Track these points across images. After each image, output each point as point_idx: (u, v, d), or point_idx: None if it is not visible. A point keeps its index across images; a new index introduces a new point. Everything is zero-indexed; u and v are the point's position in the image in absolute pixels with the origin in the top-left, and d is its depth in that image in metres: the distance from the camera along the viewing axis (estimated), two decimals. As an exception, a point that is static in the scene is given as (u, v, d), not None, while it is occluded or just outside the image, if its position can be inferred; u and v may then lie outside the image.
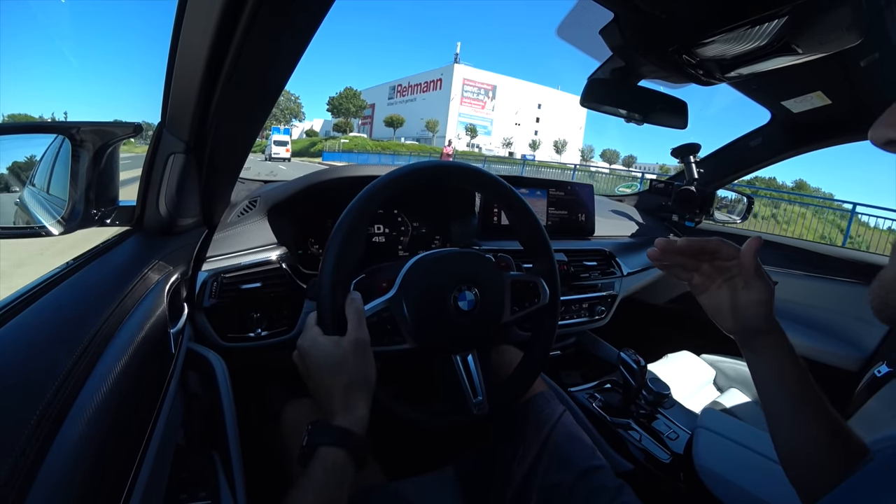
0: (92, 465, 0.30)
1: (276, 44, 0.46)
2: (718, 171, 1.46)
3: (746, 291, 0.47)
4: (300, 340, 0.54)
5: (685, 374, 1.19)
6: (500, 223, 1.11)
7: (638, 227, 1.49)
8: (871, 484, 0.31)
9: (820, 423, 0.45)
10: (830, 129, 1.15)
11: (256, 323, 0.80)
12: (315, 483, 0.43)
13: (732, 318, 0.49)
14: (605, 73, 0.90)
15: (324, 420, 0.49)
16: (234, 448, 0.58)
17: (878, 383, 0.84)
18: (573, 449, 0.70)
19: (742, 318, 0.48)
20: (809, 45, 0.63)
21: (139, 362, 0.41)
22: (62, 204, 0.57)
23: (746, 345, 0.49)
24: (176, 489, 0.47)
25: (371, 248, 1.03)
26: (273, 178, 1.07)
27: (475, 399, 0.64)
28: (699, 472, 0.77)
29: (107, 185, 0.61)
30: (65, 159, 0.56)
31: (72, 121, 1.51)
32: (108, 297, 0.44)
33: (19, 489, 0.24)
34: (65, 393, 0.31)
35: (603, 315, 1.21)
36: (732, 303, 0.48)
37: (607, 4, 0.68)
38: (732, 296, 0.48)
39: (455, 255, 0.67)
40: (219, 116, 0.55)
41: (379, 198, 0.59)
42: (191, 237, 0.71)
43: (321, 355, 0.51)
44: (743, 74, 0.76)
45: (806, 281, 1.32)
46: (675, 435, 0.94)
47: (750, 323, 0.48)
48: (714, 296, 0.50)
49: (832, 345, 1.23)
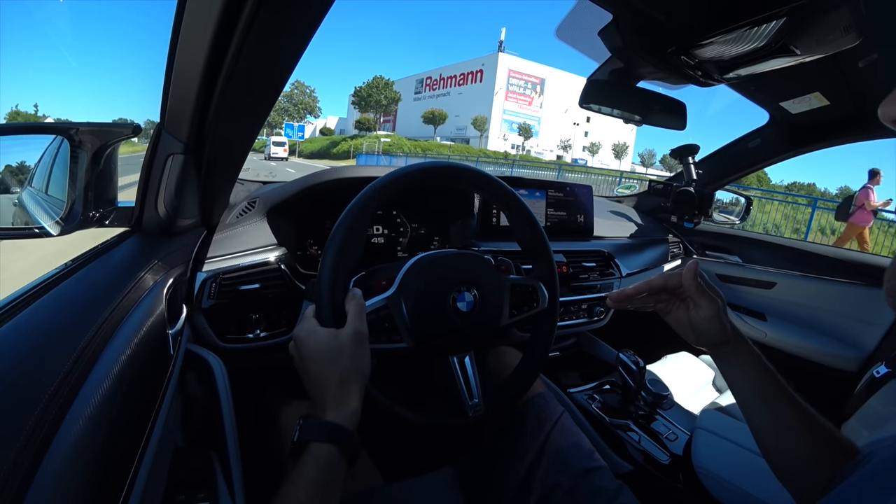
0: (90, 466, 0.30)
1: (276, 44, 0.46)
2: (717, 172, 1.46)
3: (697, 310, 0.52)
4: (297, 330, 0.53)
5: (684, 375, 1.19)
6: (499, 224, 1.11)
7: (637, 227, 1.49)
8: (871, 484, 0.31)
9: (797, 421, 0.48)
10: (829, 129, 1.16)
11: (255, 324, 0.79)
12: (306, 479, 0.43)
13: (693, 334, 0.53)
14: (604, 75, 0.90)
15: (315, 415, 0.49)
16: (233, 449, 0.58)
17: (877, 384, 0.84)
18: (572, 450, 0.69)
19: (699, 332, 0.52)
20: (808, 46, 0.63)
21: (138, 363, 0.41)
22: (61, 205, 0.57)
23: (715, 355, 0.54)
24: (174, 490, 0.47)
25: (370, 248, 1.03)
26: (272, 178, 1.07)
27: (471, 401, 0.64)
28: (698, 473, 0.77)
29: (105, 186, 0.61)
30: (63, 160, 0.56)
31: (70, 121, 1.51)
32: (106, 297, 0.44)
33: (17, 489, 0.24)
34: (63, 393, 0.31)
35: (602, 316, 1.21)
36: (689, 321, 0.53)
37: (606, 6, 0.68)
38: (688, 315, 0.53)
39: (455, 255, 0.67)
40: (218, 117, 0.55)
41: (378, 198, 0.59)
42: (189, 238, 0.71)
43: (317, 345, 0.50)
44: (741, 75, 0.76)
45: (805, 281, 1.32)
46: (674, 436, 0.94)
47: (707, 337, 0.52)
48: (675, 316, 0.55)
49: (831, 345, 1.23)
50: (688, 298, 0.53)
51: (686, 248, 1.60)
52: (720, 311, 0.51)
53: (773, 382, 0.49)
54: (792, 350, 1.28)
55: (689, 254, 1.59)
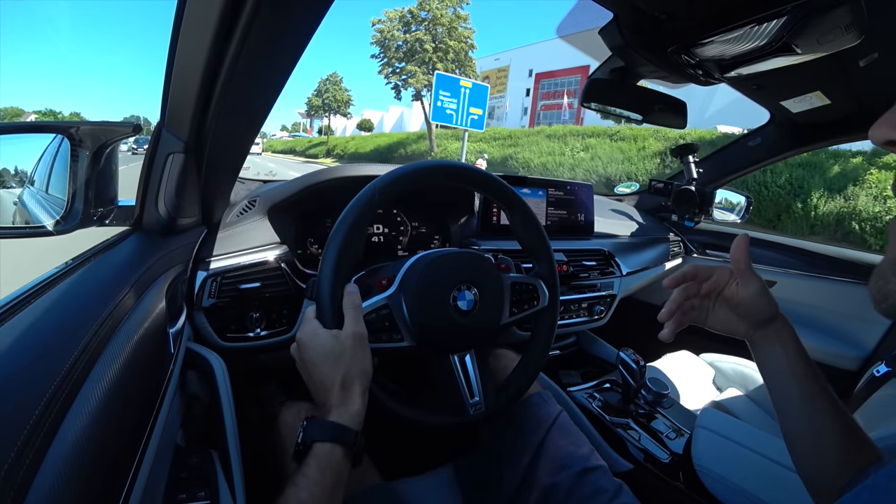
0: (91, 465, 0.30)
1: (277, 43, 0.46)
2: (718, 170, 1.46)
3: (746, 288, 0.50)
4: (299, 333, 0.54)
5: (684, 373, 1.19)
6: (499, 223, 1.11)
7: (637, 226, 1.49)
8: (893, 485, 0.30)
9: (833, 415, 0.46)
10: (830, 129, 1.15)
11: (256, 323, 0.80)
12: (310, 479, 0.43)
13: (743, 322, 0.52)
14: (605, 73, 0.90)
15: (319, 416, 0.49)
16: (234, 448, 0.58)
17: (877, 383, 0.84)
18: (570, 450, 0.69)
19: (751, 314, 0.51)
20: (808, 45, 0.63)
21: (138, 362, 0.41)
22: (61, 203, 0.57)
23: (758, 341, 0.52)
24: (175, 489, 0.47)
25: (370, 247, 1.03)
26: (273, 177, 1.07)
27: (472, 399, 0.64)
28: (698, 472, 0.77)
29: (106, 185, 0.61)
30: (64, 159, 0.56)
31: (71, 120, 1.51)
32: (107, 296, 0.44)
33: (18, 488, 0.24)
34: (64, 392, 0.31)
35: (602, 315, 1.21)
36: (736, 308, 0.51)
37: (607, 4, 0.68)
38: (732, 304, 0.52)
39: (456, 254, 0.67)
40: (218, 115, 0.55)
41: (379, 197, 0.59)
42: (190, 237, 0.71)
43: (320, 348, 0.51)
44: (742, 74, 0.76)
45: (806, 281, 1.32)
46: (674, 435, 0.94)
47: (760, 315, 0.50)
48: (716, 315, 0.54)
49: (832, 344, 1.23)
50: (725, 288, 0.52)
51: (686, 247, 1.60)
52: (764, 285, 0.50)
53: (810, 368, 0.48)
54: None
55: (689, 253, 1.59)
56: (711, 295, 0.54)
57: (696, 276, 0.53)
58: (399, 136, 26.61)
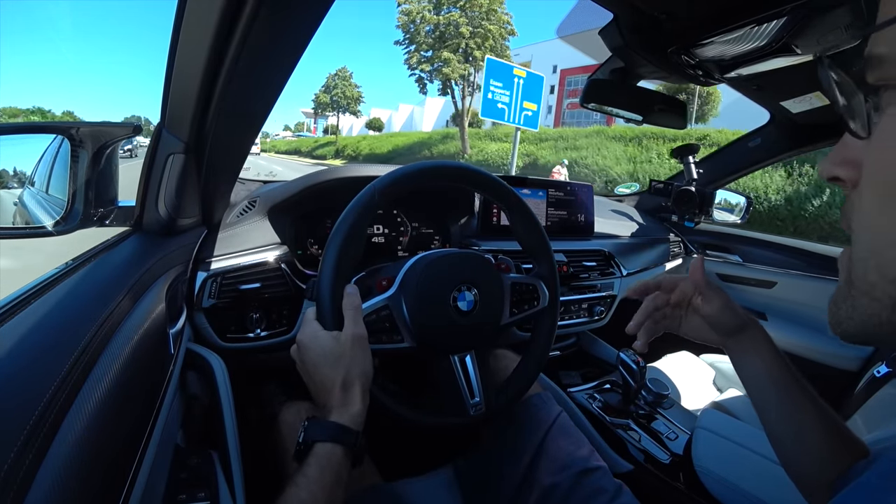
0: (91, 466, 0.30)
1: (277, 44, 0.46)
2: (718, 171, 1.46)
3: (710, 304, 0.52)
4: (299, 335, 0.54)
5: (684, 374, 1.19)
6: (499, 223, 1.11)
7: (638, 227, 1.49)
8: (880, 486, 0.30)
9: (813, 412, 0.47)
10: (830, 129, 1.15)
11: (256, 323, 0.80)
12: (310, 479, 0.43)
13: (713, 331, 0.53)
14: (605, 74, 0.90)
15: (320, 416, 0.49)
16: (234, 448, 0.58)
17: (877, 383, 0.84)
18: (570, 450, 0.69)
19: (718, 325, 0.52)
20: (808, 45, 0.63)
21: (138, 362, 0.41)
22: (61, 204, 0.57)
23: (733, 346, 0.53)
24: (175, 489, 0.47)
25: (370, 247, 1.03)
26: (272, 178, 1.07)
27: (472, 400, 0.64)
28: (698, 473, 0.77)
29: (106, 186, 0.61)
30: (64, 159, 0.56)
31: (71, 121, 1.52)
32: (107, 297, 0.44)
33: (19, 488, 0.24)
34: (63, 393, 0.31)
35: (602, 315, 1.21)
36: (704, 319, 0.53)
37: (607, 5, 0.68)
38: (701, 313, 0.53)
39: (456, 255, 0.67)
40: (218, 116, 0.55)
41: (379, 198, 0.59)
42: (190, 237, 0.71)
43: (320, 350, 0.51)
44: (742, 75, 0.76)
45: (806, 281, 1.32)
46: (674, 435, 0.94)
47: (727, 325, 0.52)
48: (688, 324, 0.56)
49: (832, 345, 1.23)
50: (693, 299, 0.54)
51: (687, 248, 1.60)
52: (728, 298, 0.52)
53: (787, 371, 0.49)
54: (793, 350, 1.27)
55: (689, 253, 1.59)
56: (682, 304, 0.55)
57: (659, 287, 0.55)
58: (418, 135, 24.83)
